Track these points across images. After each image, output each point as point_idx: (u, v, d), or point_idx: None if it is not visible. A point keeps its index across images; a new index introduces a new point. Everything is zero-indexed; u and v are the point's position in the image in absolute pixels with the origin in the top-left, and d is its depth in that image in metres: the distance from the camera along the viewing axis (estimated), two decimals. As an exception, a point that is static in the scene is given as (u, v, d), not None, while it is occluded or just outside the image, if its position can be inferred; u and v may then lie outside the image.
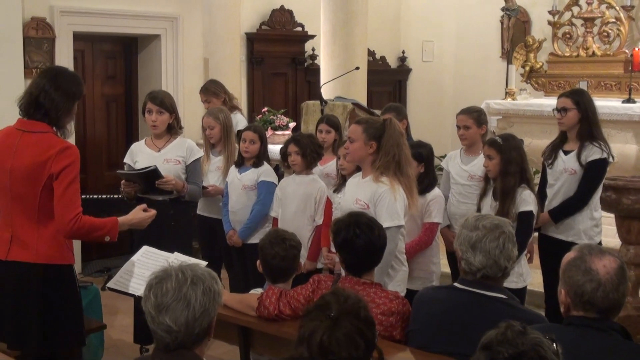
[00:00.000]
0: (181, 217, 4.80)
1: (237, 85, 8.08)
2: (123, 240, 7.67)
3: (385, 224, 3.54)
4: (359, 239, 3.23)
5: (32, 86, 3.46)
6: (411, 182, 3.91)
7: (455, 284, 2.95)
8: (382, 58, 10.31)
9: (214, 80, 6.68)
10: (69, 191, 3.34)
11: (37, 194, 3.39)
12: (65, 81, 3.45)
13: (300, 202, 4.95)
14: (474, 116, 4.83)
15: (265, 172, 5.22)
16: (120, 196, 4.84)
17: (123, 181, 4.69)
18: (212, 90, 6.36)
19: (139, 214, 3.67)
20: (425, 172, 4.56)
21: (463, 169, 4.94)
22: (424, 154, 4.57)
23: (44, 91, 3.40)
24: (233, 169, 5.32)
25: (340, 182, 4.81)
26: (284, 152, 5.05)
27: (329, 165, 5.27)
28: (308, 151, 4.90)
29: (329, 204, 4.93)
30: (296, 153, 4.92)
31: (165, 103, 4.77)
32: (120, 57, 8.16)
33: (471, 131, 4.83)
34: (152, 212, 3.71)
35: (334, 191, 4.86)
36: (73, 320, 3.53)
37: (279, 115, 7.56)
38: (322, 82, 7.19)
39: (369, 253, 3.28)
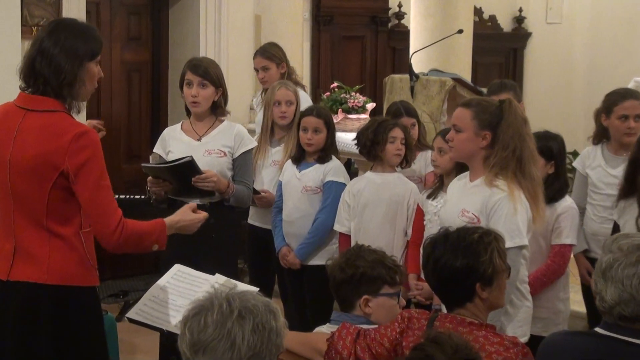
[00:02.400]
0: (224, 228, 4.78)
1: (297, 52, 8.10)
2: (145, 256, 7.83)
3: (502, 244, 3.47)
4: (460, 262, 3.20)
5: (30, 46, 3.47)
6: (536, 187, 3.86)
7: (597, 329, 2.90)
8: (492, 18, 10.24)
9: (273, 43, 6.69)
10: (100, 193, 3.38)
11: (45, 194, 3.40)
12: (69, 34, 3.43)
13: (389, 210, 4.95)
14: None
15: (334, 169, 5.22)
16: (144, 197, 4.89)
17: (150, 178, 4.72)
18: (274, 53, 6.32)
19: (188, 215, 3.72)
20: (555, 173, 4.53)
21: (610, 173, 4.92)
22: (554, 148, 4.53)
23: (40, 51, 3.39)
24: (290, 166, 5.35)
25: (437, 185, 4.82)
26: (380, 137, 4.92)
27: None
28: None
29: (419, 215, 4.90)
30: (402, 141, 4.92)
31: (210, 73, 4.81)
32: (145, 12, 8.22)
33: None
34: (203, 213, 3.77)
35: (428, 197, 4.85)
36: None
37: (352, 94, 7.52)
38: (412, 49, 7.16)
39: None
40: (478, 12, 9.78)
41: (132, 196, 6.73)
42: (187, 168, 4.60)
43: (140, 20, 8.20)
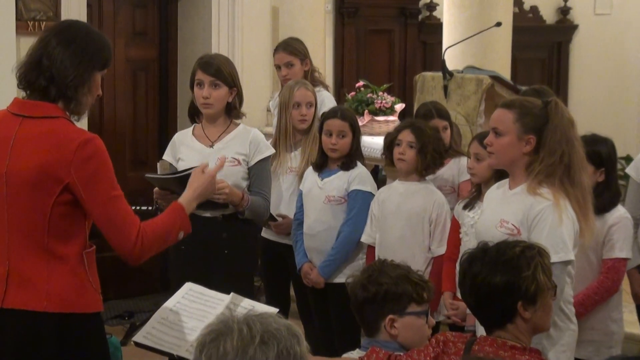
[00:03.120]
0: (239, 242, 4.82)
1: (319, 48, 8.07)
2: (152, 273, 7.85)
3: (546, 259, 3.49)
4: (500, 279, 3.19)
5: (34, 46, 3.48)
6: (586, 196, 3.85)
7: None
8: (534, 9, 10.22)
9: (294, 38, 6.64)
10: (114, 206, 3.40)
11: (46, 210, 3.39)
12: (82, 37, 3.47)
13: (408, 222, 4.95)
14: None
15: (360, 176, 5.21)
16: (151, 208, 4.91)
17: (156, 189, 4.72)
18: (298, 48, 6.29)
19: (199, 179, 3.84)
20: (605, 181, 4.51)
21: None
22: (603, 153, 4.52)
23: (48, 49, 3.41)
24: (311, 174, 5.35)
25: (475, 194, 4.81)
26: (390, 142, 5.05)
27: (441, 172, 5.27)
28: (431, 147, 4.90)
29: (454, 227, 4.91)
30: (410, 145, 4.91)
31: (223, 72, 4.80)
32: (152, 5, 8.23)
33: None
34: (213, 172, 3.88)
35: (464, 207, 4.85)
36: None
37: (380, 93, 7.52)
38: (445, 44, 7.17)
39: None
40: (518, 2, 9.75)
41: (138, 207, 6.77)
42: None
43: (147, 14, 8.20)
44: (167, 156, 5.00)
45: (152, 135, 8.27)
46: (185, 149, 4.92)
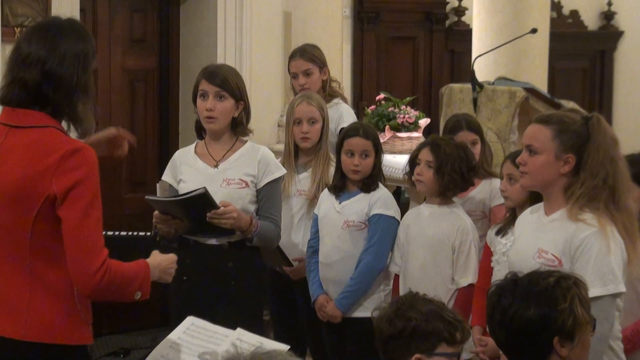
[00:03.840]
0: (246, 273, 4.83)
1: (336, 56, 8.06)
2: (150, 306, 7.84)
3: (592, 291, 3.46)
4: (533, 312, 3.17)
5: (14, 46, 3.49)
6: (633, 222, 3.82)
7: None
8: (574, 14, 10.23)
9: (311, 44, 6.64)
10: (87, 223, 3.36)
11: (27, 227, 3.39)
12: (66, 33, 3.47)
13: (430, 250, 4.96)
14: None
15: (382, 199, 5.20)
16: (151, 234, 4.90)
17: (156, 213, 4.74)
18: (317, 55, 6.28)
19: (159, 255, 3.72)
20: (653, 205, 4.57)
21: None
22: (651, 175, 4.59)
23: (27, 50, 3.40)
24: (327, 197, 5.34)
25: (509, 219, 4.79)
26: (411, 161, 5.09)
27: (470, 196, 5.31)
28: (450, 166, 4.90)
29: (486, 255, 4.91)
30: (428, 165, 4.93)
31: (230, 83, 4.82)
32: (152, 10, 8.26)
33: None
34: (172, 255, 3.74)
35: (497, 233, 4.84)
36: None
37: (402, 107, 7.51)
38: (474, 52, 7.16)
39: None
40: (556, 6, 9.79)
41: (136, 233, 6.75)
42: (199, 202, 4.59)
43: (146, 19, 8.25)
44: (166, 177, 5.01)
45: (151, 153, 8.31)
46: (187, 169, 4.93)
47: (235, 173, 4.84)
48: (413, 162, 5.05)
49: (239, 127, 4.90)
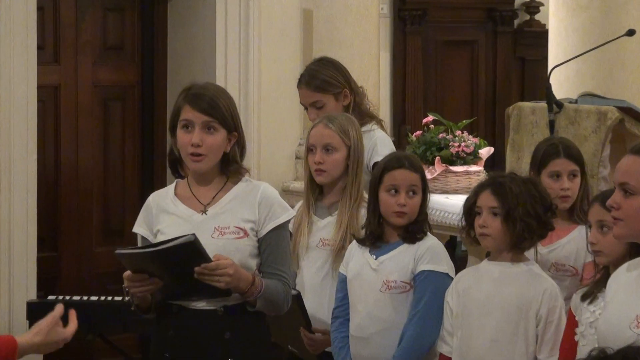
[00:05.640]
0: (247, 347, 4.78)
1: (370, 67, 8.08)
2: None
3: None
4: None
5: None
6: None
7: None
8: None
9: (326, 59, 6.58)
10: None
11: None
12: None
13: (505, 321, 4.92)
14: None
15: (431, 252, 5.18)
16: (124, 299, 4.89)
17: (127, 273, 4.61)
18: (327, 80, 6.30)
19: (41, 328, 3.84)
20: None
21: None
22: None
23: None
24: (357, 250, 5.32)
25: (599, 279, 4.66)
26: (469, 208, 5.01)
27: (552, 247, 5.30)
28: (522, 210, 4.85)
29: (570, 325, 4.78)
30: (493, 212, 4.87)
31: (221, 109, 4.78)
32: (132, 9, 8.39)
33: None
34: (68, 330, 3.86)
35: (583, 299, 4.71)
36: None
37: (458, 133, 7.50)
38: (551, 61, 7.24)
39: None
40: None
41: (110, 298, 6.75)
42: (186, 253, 4.53)
43: (123, 21, 8.34)
44: (139, 227, 4.87)
45: (130, 192, 8.26)
46: (167, 218, 4.83)
47: (229, 219, 4.79)
48: (471, 211, 4.97)
49: (231, 166, 4.84)
